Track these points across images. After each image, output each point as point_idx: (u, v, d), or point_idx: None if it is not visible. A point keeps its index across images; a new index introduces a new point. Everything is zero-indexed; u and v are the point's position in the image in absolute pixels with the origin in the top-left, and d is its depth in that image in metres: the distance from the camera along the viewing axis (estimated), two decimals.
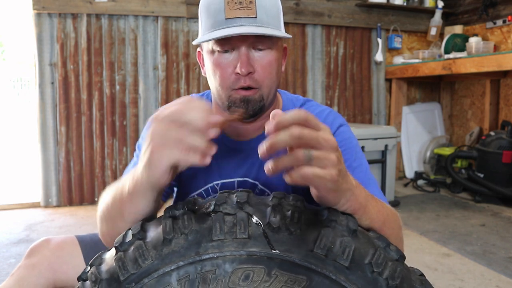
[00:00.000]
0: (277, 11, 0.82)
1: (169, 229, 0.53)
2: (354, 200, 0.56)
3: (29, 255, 0.92)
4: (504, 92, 3.53)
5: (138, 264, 0.51)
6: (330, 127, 0.87)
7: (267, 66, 0.81)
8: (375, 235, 0.56)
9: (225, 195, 0.57)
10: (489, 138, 3.11)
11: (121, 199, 0.63)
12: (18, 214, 2.83)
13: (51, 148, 2.93)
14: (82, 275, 0.56)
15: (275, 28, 0.80)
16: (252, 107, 0.82)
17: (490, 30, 3.51)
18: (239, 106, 0.82)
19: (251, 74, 0.80)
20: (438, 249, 2.19)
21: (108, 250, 0.58)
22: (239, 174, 0.92)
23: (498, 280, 1.81)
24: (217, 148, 0.93)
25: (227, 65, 0.80)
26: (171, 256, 0.51)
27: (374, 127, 3.11)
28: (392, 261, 0.53)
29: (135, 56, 3.05)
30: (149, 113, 3.10)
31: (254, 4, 0.77)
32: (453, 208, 2.95)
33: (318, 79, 3.54)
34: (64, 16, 2.89)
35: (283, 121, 0.50)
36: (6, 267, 1.95)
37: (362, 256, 0.51)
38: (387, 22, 3.69)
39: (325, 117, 0.92)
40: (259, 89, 0.82)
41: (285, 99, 0.97)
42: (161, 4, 3.04)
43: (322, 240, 0.51)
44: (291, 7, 3.39)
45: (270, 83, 0.83)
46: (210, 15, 0.79)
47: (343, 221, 0.54)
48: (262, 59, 0.80)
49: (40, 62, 2.88)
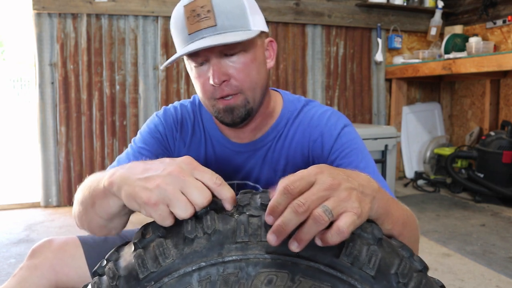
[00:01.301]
0: (241, 10, 0.77)
1: (191, 228, 0.51)
2: (377, 205, 0.53)
3: (31, 256, 0.92)
4: (504, 92, 3.53)
5: (159, 263, 0.50)
6: (334, 129, 0.87)
7: (243, 69, 0.79)
8: (399, 244, 0.55)
9: (248, 196, 0.55)
10: (489, 138, 3.11)
11: (95, 190, 0.62)
12: (18, 214, 2.83)
13: (51, 148, 2.93)
14: (98, 269, 0.54)
15: (241, 29, 0.77)
16: (238, 114, 0.82)
17: (490, 30, 3.51)
18: (224, 116, 0.82)
19: (226, 82, 0.79)
20: (438, 249, 2.19)
21: (124, 245, 0.57)
22: (238, 176, 0.92)
23: (498, 280, 1.81)
24: (213, 146, 0.94)
25: (204, 77, 0.80)
26: (192, 256, 0.50)
27: (374, 127, 3.11)
28: (417, 272, 0.51)
29: (135, 56, 3.06)
30: (149, 113, 3.10)
31: (213, 13, 0.75)
32: (453, 208, 2.95)
33: (318, 79, 3.54)
34: (64, 16, 2.89)
35: (276, 206, 0.46)
36: (6, 267, 1.95)
37: (388, 266, 0.50)
38: (387, 22, 3.69)
39: (328, 119, 0.90)
40: (241, 93, 0.81)
41: (286, 100, 0.95)
42: (161, 4, 3.04)
43: (348, 247, 0.49)
44: (291, 7, 3.39)
45: (251, 84, 0.81)
46: (178, 33, 0.79)
47: (368, 229, 0.52)
48: (236, 63, 0.79)
49: (40, 62, 2.88)
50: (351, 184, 0.48)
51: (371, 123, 3.74)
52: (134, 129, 3.09)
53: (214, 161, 0.93)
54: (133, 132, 3.09)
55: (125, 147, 3.06)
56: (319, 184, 0.46)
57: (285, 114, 0.92)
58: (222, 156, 0.92)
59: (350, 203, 0.46)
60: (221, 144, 0.92)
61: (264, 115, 0.90)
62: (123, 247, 0.57)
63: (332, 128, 0.88)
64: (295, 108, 0.93)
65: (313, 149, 0.89)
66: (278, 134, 0.90)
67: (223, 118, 0.83)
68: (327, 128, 0.88)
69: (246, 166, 0.91)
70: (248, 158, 0.91)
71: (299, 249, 0.46)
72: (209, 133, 0.93)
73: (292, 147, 0.90)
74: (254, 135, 0.91)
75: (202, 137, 0.94)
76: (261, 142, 0.91)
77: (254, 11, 0.81)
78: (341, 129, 0.88)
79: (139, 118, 3.10)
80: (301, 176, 0.47)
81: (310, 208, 0.44)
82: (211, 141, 0.93)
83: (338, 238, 0.45)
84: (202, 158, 0.93)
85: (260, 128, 0.91)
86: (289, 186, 0.45)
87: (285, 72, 3.47)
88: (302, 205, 0.44)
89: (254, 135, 0.91)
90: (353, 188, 0.48)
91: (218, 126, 0.93)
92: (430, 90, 4.03)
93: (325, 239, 0.45)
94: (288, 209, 0.45)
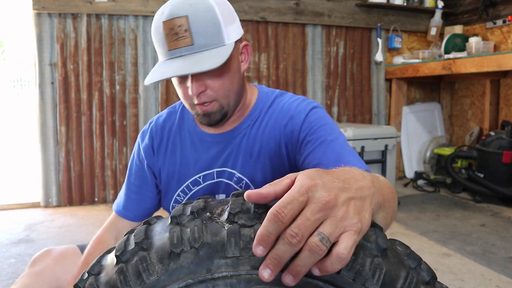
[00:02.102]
0: (216, 27, 0.82)
1: (177, 241, 0.47)
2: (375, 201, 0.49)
3: (32, 264, 0.94)
4: (504, 92, 3.53)
5: (142, 280, 0.46)
6: (303, 112, 0.92)
7: (217, 81, 0.86)
8: (405, 251, 0.51)
9: (240, 201, 0.50)
10: (489, 138, 3.11)
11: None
12: (18, 214, 2.83)
13: (51, 148, 2.93)
14: (79, 282, 0.51)
15: (216, 45, 0.82)
16: (214, 118, 0.90)
17: (490, 30, 3.51)
18: (202, 119, 0.90)
19: (203, 92, 0.86)
20: (438, 249, 2.19)
21: (108, 253, 0.54)
22: (217, 164, 0.96)
23: (498, 280, 1.81)
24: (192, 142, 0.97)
25: (183, 87, 0.88)
26: (179, 272, 0.46)
27: (374, 127, 3.11)
28: (424, 285, 0.48)
29: (135, 56, 3.06)
30: (149, 113, 3.10)
31: (189, 32, 0.80)
32: (453, 208, 2.95)
33: (318, 79, 3.54)
34: (64, 16, 2.89)
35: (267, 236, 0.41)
36: (6, 267, 1.95)
37: (393, 280, 0.46)
38: (387, 22, 3.69)
39: (298, 105, 0.94)
40: (216, 101, 0.88)
41: (260, 92, 1.00)
42: (161, 4, 3.02)
43: (350, 261, 0.44)
44: (291, 7, 3.39)
45: (225, 92, 0.88)
46: (159, 45, 0.85)
47: (371, 237, 0.47)
48: (212, 76, 0.85)
49: (40, 62, 2.88)
50: (348, 193, 0.44)
51: (371, 123, 3.74)
52: (134, 129, 3.10)
53: (193, 154, 0.98)
54: (133, 132, 3.09)
55: (125, 147, 3.08)
56: (312, 204, 0.42)
57: (259, 104, 0.98)
58: (202, 148, 0.97)
59: (349, 220, 0.43)
60: (201, 138, 0.98)
61: (240, 110, 0.97)
62: (106, 255, 0.53)
63: (301, 112, 0.93)
64: (268, 98, 0.98)
65: (284, 134, 0.93)
66: (252, 122, 0.96)
67: (201, 120, 0.91)
68: (296, 111, 0.93)
69: (224, 154, 0.96)
70: (225, 147, 0.96)
71: (295, 283, 0.42)
72: (189, 131, 1.00)
73: (266, 133, 0.94)
74: (231, 126, 0.97)
75: (178, 137, 1.00)
76: (237, 130, 0.96)
77: (228, 21, 0.85)
78: (309, 110, 0.93)
79: (139, 118, 3.10)
80: (291, 197, 0.42)
81: (304, 237, 0.40)
82: (191, 137, 0.99)
83: (339, 266, 0.41)
84: (178, 156, 0.99)
85: (236, 120, 0.97)
86: (280, 212, 0.41)
87: (285, 72, 3.46)
88: (295, 236, 0.40)
89: (230, 126, 0.97)
90: (350, 198, 0.44)
91: (197, 123, 1.00)
92: (430, 90, 4.03)
93: (324, 268, 0.41)
94: (281, 240, 0.41)
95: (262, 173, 0.93)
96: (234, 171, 0.95)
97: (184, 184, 0.98)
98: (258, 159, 0.94)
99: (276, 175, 0.92)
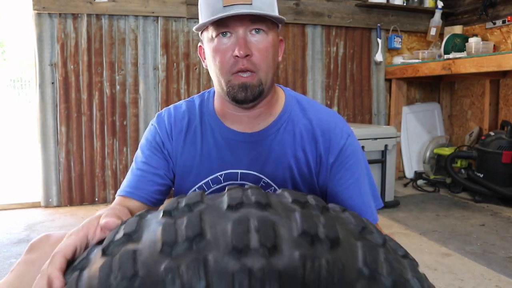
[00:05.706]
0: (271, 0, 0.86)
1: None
2: None
3: (29, 251, 0.92)
4: (503, 92, 3.53)
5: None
6: (340, 137, 0.93)
7: (264, 50, 0.84)
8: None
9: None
10: (489, 138, 3.11)
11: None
12: (18, 214, 2.83)
13: (51, 148, 2.93)
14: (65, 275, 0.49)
15: (271, 13, 0.85)
16: (251, 92, 0.84)
17: (489, 30, 3.51)
18: (238, 92, 0.84)
19: (249, 56, 0.83)
20: (438, 249, 2.19)
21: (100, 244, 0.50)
22: (242, 166, 0.93)
23: (497, 280, 1.81)
24: (214, 137, 0.96)
25: (225, 49, 0.83)
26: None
27: (374, 127, 3.12)
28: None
29: (135, 56, 3.06)
30: (149, 113, 3.11)
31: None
32: (453, 208, 2.95)
33: (318, 79, 3.55)
34: (65, 16, 2.90)
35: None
36: (7, 267, 1.95)
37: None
38: (387, 22, 3.69)
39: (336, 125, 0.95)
40: (257, 73, 0.84)
41: (287, 95, 0.98)
42: (161, 4, 3.04)
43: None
44: (291, 7, 3.39)
45: (266, 67, 0.85)
46: (209, 5, 0.83)
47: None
48: (259, 43, 0.84)
49: (40, 62, 2.88)
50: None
51: (371, 123, 3.74)
52: (135, 129, 3.10)
53: (216, 150, 0.94)
54: (134, 132, 3.10)
55: (126, 147, 3.08)
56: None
57: (288, 107, 0.95)
58: (225, 145, 0.94)
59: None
60: (225, 135, 0.94)
61: (268, 105, 0.93)
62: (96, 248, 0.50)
63: (338, 136, 0.94)
64: (298, 103, 0.97)
65: (316, 149, 0.93)
66: (282, 126, 0.93)
67: (236, 94, 0.85)
68: (334, 135, 0.94)
69: (251, 156, 0.93)
70: (252, 148, 0.93)
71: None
72: (210, 125, 0.96)
73: (298, 142, 0.93)
74: (255, 125, 0.93)
75: (198, 131, 0.96)
76: (266, 132, 0.93)
77: (276, 4, 0.91)
78: (346, 139, 0.95)
79: (139, 118, 3.11)
80: None
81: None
82: (213, 132, 0.95)
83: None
84: (198, 149, 0.95)
85: (262, 118, 0.93)
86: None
87: (285, 72, 3.47)
88: None
89: (254, 126, 0.93)
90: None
91: (220, 118, 0.95)
92: (430, 90, 4.04)
93: None
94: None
95: (291, 182, 0.93)
96: (262, 176, 0.92)
97: (204, 181, 0.95)
98: (289, 168, 0.92)
99: (305, 187, 0.94)
